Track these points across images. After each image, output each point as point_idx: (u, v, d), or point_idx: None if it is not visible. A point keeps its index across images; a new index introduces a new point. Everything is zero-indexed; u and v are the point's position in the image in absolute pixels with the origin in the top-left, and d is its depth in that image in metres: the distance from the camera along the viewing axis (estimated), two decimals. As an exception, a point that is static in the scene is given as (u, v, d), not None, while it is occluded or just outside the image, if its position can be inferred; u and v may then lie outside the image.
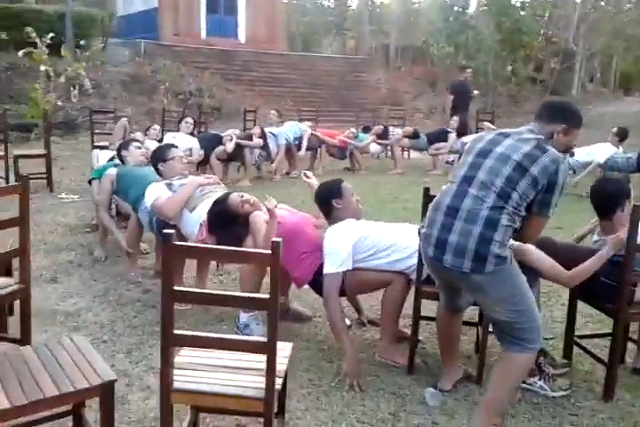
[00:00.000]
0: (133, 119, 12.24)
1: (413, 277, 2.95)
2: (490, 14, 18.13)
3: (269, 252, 1.82)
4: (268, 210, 3.18)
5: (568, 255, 2.88)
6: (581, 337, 3.21)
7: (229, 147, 7.08)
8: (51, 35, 10.64)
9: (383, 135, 9.00)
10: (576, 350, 3.17)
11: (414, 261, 2.90)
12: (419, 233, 2.52)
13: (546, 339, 3.42)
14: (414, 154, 10.07)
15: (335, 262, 2.95)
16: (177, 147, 3.94)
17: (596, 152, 7.70)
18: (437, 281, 2.62)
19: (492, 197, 2.24)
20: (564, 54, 19.20)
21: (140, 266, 4.30)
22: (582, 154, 7.83)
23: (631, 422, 2.62)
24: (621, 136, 7.76)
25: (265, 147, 7.73)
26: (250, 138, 7.62)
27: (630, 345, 3.19)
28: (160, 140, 6.85)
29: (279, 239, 1.83)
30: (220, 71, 16.98)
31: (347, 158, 8.93)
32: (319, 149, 8.71)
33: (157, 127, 7.24)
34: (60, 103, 10.77)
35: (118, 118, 7.59)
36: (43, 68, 10.24)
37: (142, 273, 4.23)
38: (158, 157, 3.77)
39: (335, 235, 3.04)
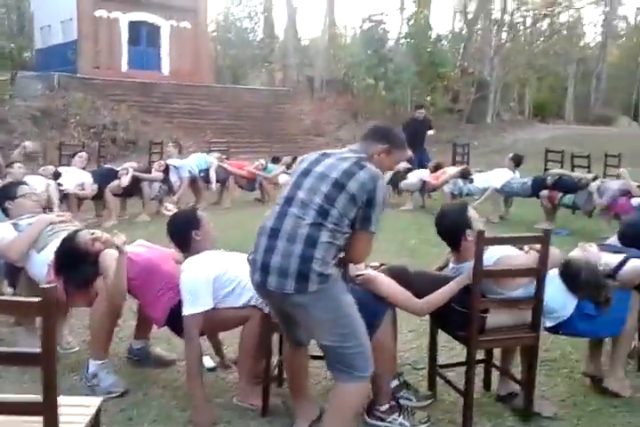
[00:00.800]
0: (43, 154, 11.87)
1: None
2: (408, 47, 18.74)
3: (38, 300, 1.65)
4: (117, 247, 2.99)
5: (422, 284, 2.82)
6: (443, 367, 3.15)
7: (124, 181, 6.86)
8: None
9: (292, 165, 8.95)
10: (441, 380, 3.11)
11: None
12: (248, 260, 2.41)
13: (416, 369, 3.36)
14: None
15: (195, 303, 2.79)
16: (27, 184, 3.71)
17: (492, 178, 7.89)
18: (273, 311, 2.53)
19: (312, 214, 2.23)
20: (478, 84, 19.98)
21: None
22: (480, 180, 8.03)
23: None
24: (516, 161, 8.00)
25: (166, 180, 7.54)
26: (148, 171, 7.41)
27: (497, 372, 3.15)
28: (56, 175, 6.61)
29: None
30: (139, 104, 16.72)
31: (256, 190, 8.82)
32: (227, 181, 8.57)
33: (84, 155, 7.21)
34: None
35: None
36: None
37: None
38: (6, 195, 3.53)
39: (193, 272, 2.88)
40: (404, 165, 9.06)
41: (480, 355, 3.23)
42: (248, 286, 2.87)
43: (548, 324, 2.99)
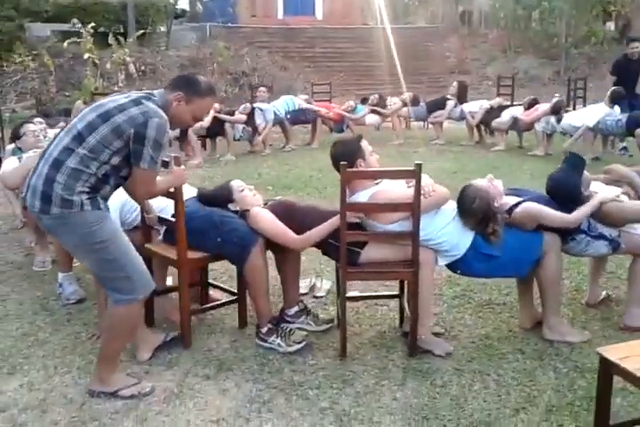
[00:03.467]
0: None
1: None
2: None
3: None
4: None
5: (309, 218, 2.99)
6: (350, 299, 3.28)
7: (205, 121, 7.48)
8: (91, 24, 11.62)
9: (381, 104, 8.93)
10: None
11: None
12: None
13: (316, 297, 3.58)
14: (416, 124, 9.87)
15: None
16: (32, 122, 4.40)
17: (586, 115, 7.21)
18: None
19: (67, 139, 2.33)
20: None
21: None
22: (573, 117, 7.38)
23: (339, 378, 2.73)
24: (615, 96, 7.18)
25: (250, 122, 8.05)
26: (232, 114, 7.98)
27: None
28: None
29: None
30: (283, 50, 17.37)
31: (344, 131, 9.00)
32: (316, 122, 8.86)
33: None
34: (106, 89, 11.77)
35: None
36: (86, 55, 11.25)
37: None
38: (15, 135, 4.26)
39: None
40: (497, 101, 8.60)
41: (395, 290, 3.35)
42: None
43: (442, 262, 2.99)
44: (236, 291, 3.23)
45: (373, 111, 8.85)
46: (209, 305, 3.27)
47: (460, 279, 3.71)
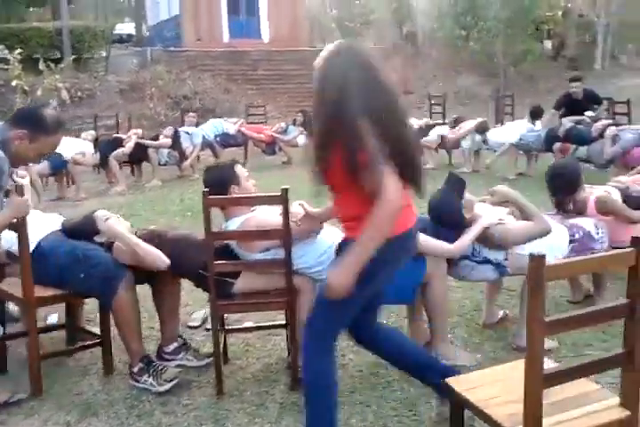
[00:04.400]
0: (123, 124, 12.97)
1: None
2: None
3: None
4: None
5: (174, 248, 2.84)
6: (229, 331, 3.16)
7: (127, 147, 7.32)
8: (18, 50, 11.37)
9: (308, 123, 8.89)
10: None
11: None
12: None
13: (191, 327, 3.42)
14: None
15: None
16: None
17: (508, 132, 7.30)
18: None
19: None
20: (583, 27, 18.05)
21: None
22: (497, 134, 7.47)
23: (211, 418, 2.58)
24: (535, 113, 7.31)
25: (175, 146, 7.90)
26: (156, 138, 7.83)
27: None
28: None
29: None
30: (227, 72, 17.34)
31: (276, 153, 8.92)
32: (247, 145, 8.77)
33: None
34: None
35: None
36: (14, 83, 10.97)
37: None
38: None
39: None
40: (425, 120, 8.67)
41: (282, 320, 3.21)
42: None
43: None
44: (99, 333, 3.01)
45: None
46: (63, 349, 3.06)
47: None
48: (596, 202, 3.41)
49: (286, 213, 2.61)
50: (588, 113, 7.24)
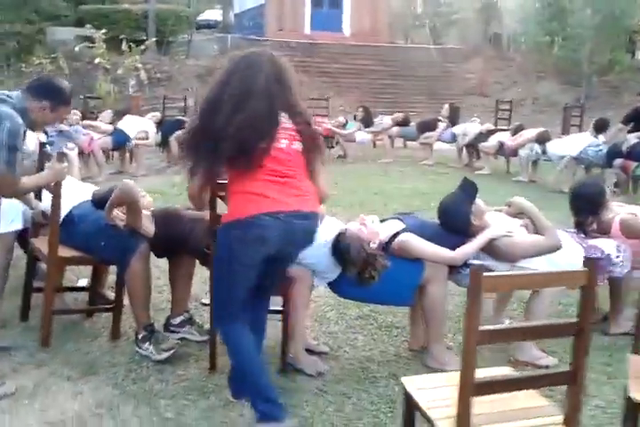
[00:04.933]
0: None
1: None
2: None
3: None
4: None
5: (185, 226, 3.00)
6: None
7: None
8: (103, 30, 11.96)
9: (367, 119, 8.93)
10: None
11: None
12: None
13: (204, 304, 3.52)
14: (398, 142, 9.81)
15: None
16: None
17: (569, 145, 7.07)
18: None
19: None
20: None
21: None
22: (556, 146, 7.24)
23: (198, 389, 2.72)
24: (599, 126, 7.04)
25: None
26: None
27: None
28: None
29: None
30: (302, 63, 17.51)
31: (334, 147, 9.00)
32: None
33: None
34: (117, 93, 12.07)
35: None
36: (97, 60, 11.57)
37: None
38: None
39: None
40: (487, 126, 8.53)
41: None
42: None
43: (318, 282, 2.96)
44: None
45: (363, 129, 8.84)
46: (74, 309, 3.29)
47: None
48: (621, 224, 3.30)
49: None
50: None
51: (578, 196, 3.38)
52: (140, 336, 2.97)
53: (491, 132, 8.21)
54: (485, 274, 1.58)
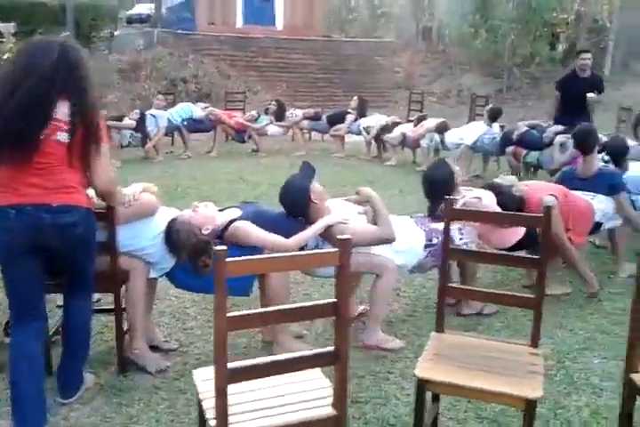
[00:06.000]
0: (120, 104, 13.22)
1: None
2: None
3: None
4: None
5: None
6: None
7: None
8: (12, 23, 11.57)
9: (279, 113, 8.92)
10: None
11: None
12: None
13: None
14: (317, 135, 9.88)
15: None
16: None
17: (465, 133, 7.23)
18: None
19: None
20: (595, 31, 17.73)
21: None
22: (453, 135, 7.40)
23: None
24: (493, 115, 7.22)
25: (139, 128, 7.99)
26: (121, 119, 7.92)
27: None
28: None
29: None
30: (231, 57, 17.37)
31: (246, 141, 8.96)
32: (216, 131, 8.81)
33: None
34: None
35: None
36: (5, 56, 11.16)
37: None
38: None
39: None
40: (391, 118, 8.65)
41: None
42: None
43: (153, 274, 2.91)
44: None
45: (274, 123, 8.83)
46: None
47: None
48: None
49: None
50: (591, 95, 6.33)
51: (429, 180, 3.46)
52: None
53: (394, 124, 8.31)
54: (230, 259, 1.60)
